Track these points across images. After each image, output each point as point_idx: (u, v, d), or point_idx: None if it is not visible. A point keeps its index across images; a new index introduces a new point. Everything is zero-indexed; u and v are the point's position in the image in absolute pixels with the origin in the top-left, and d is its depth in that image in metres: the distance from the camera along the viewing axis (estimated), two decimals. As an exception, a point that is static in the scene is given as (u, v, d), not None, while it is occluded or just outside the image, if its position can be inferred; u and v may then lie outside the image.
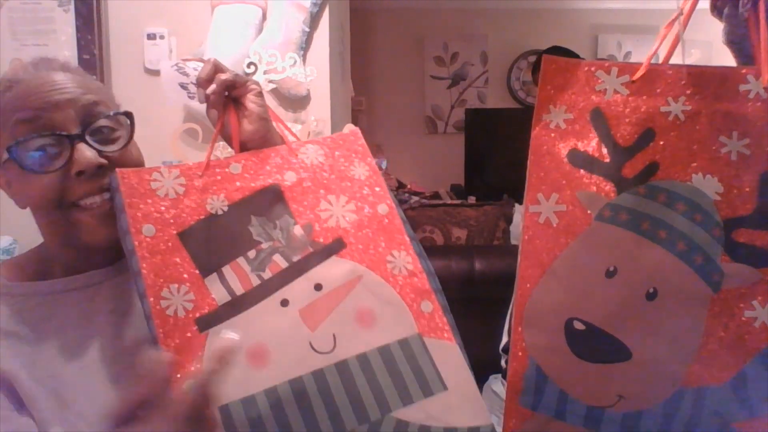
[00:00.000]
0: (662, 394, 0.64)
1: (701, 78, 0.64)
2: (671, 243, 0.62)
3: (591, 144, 0.65)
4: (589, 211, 0.64)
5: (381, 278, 0.68)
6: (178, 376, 0.57)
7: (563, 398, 0.64)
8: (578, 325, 0.63)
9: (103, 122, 0.70)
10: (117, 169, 0.65)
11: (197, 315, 0.60)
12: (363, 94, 3.74)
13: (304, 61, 1.81)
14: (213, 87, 0.69)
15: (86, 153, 0.67)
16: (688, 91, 0.64)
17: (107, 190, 0.68)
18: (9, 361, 0.65)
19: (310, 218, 0.68)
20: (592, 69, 0.66)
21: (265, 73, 1.75)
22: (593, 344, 0.63)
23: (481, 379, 1.95)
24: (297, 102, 1.82)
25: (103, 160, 0.68)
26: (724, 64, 0.69)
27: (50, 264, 0.75)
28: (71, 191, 0.68)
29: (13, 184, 0.71)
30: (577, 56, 3.06)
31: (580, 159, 0.65)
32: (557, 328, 0.64)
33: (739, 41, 0.75)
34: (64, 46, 1.73)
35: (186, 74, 1.69)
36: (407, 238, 0.71)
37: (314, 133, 1.82)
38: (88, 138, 0.68)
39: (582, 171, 0.64)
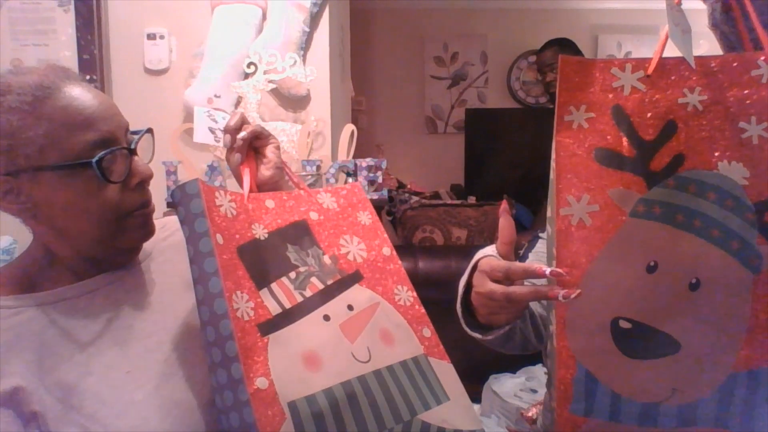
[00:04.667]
0: (715, 381, 0.64)
1: (712, 68, 0.65)
2: (707, 232, 0.63)
3: (616, 141, 0.65)
4: (622, 209, 0.64)
5: (392, 306, 0.78)
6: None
7: (616, 400, 0.65)
8: (624, 324, 0.63)
9: (141, 137, 0.76)
10: (197, 179, 0.69)
11: (258, 321, 0.66)
12: (363, 94, 3.74)
13: (304, 61, 1.81)
14: (244, 134, 0.78)
15: (142, 164, 0.74)
16: (702, 81, 0.65)
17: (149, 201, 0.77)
18: (17, 376, 0.66)
19: (334, 251, 0.78)
20: (608, 67, 0.66)
21: (265, 73, 1.75)
22: (641, 341, 0.64)
23: (481, 379, 1.96)
24: (297, 102, 1.82)
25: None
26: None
27: (38, 276, 0.75)
28: (129, 201, 0.73)
29: (52, 197, 0.70)
30: (577, 49, 3.07)
31: (607, 157, 0.65)
32: (603, 330, 0.64)
33: (718, 25, 0.75)
34: (64, 46, 1.73)
35: (215, 120, 1.78)
36: (406, 277, 0.83)
37: (314, 133, 1.82)
38: (137, 151, 0.75)
39: (610, 169, 0.64)
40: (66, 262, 0.75)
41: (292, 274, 0.71)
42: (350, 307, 0.73)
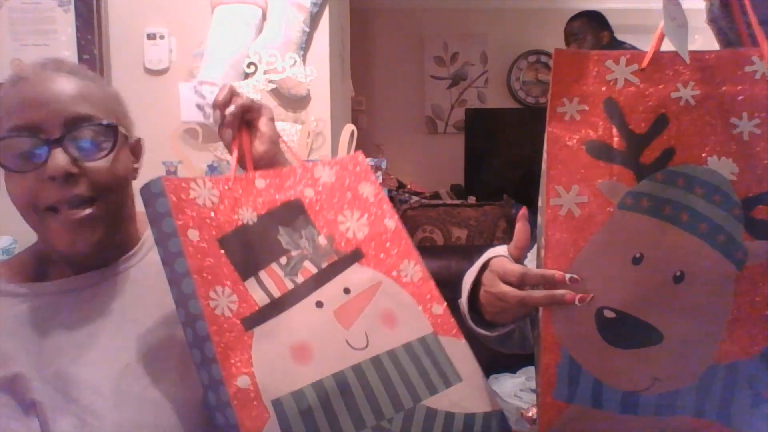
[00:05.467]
0: (695, 373, 0.65)
1: (706, 62, 0.65)
2: (693, 225, 0.63)
3: (607, 134, 0.65)
4: (610, 200, 0.64)
5: (396, 284, 0.74)
6: None
7: (598, 387, 0.65)
8: (608, 314, 0.64)
9: (86, 131, 0.70)
10: (161, 176, 0.65)
11: (242, 316, 0.63)
12: (363, 94, 3.74)
13: (304, 61, 1.81)
14: (232, 108, 0.73)
15: (59, 158, 0.67)
16: (696, 76, 0.65)
17: (86, 201, 0.69)
18: (17, 363, 0.66)
19: (330, 230, 0.73)
20: (602, 59, 0.66)
21: (265, 73, 1.75)
22: (625, 331, 0.64)
23: (481, 379, 1.96)
24: (297, 102, 1.82)
25: (75, 169, 0.68)
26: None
27: (47, 264, 0.75)
28: (44, 195, 0.68)
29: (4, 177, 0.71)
30: (606, 22, 3.08)
31: (597, 149, 0.65)
32: (587, 318, 0.64)
33: (716, 20, 0.76)
34: (64, 46, 1.73)
35: (203, 96, 1.73)
36: (414, 250, 0.78)
37: (314, 133, 1.82)
38: (67, 144, 0.68)
39: (600, 161, 0.65)
40: (56, 257, 0.76)
41: (283, 260, 0.68)
42: (347, 291, 0.70)
